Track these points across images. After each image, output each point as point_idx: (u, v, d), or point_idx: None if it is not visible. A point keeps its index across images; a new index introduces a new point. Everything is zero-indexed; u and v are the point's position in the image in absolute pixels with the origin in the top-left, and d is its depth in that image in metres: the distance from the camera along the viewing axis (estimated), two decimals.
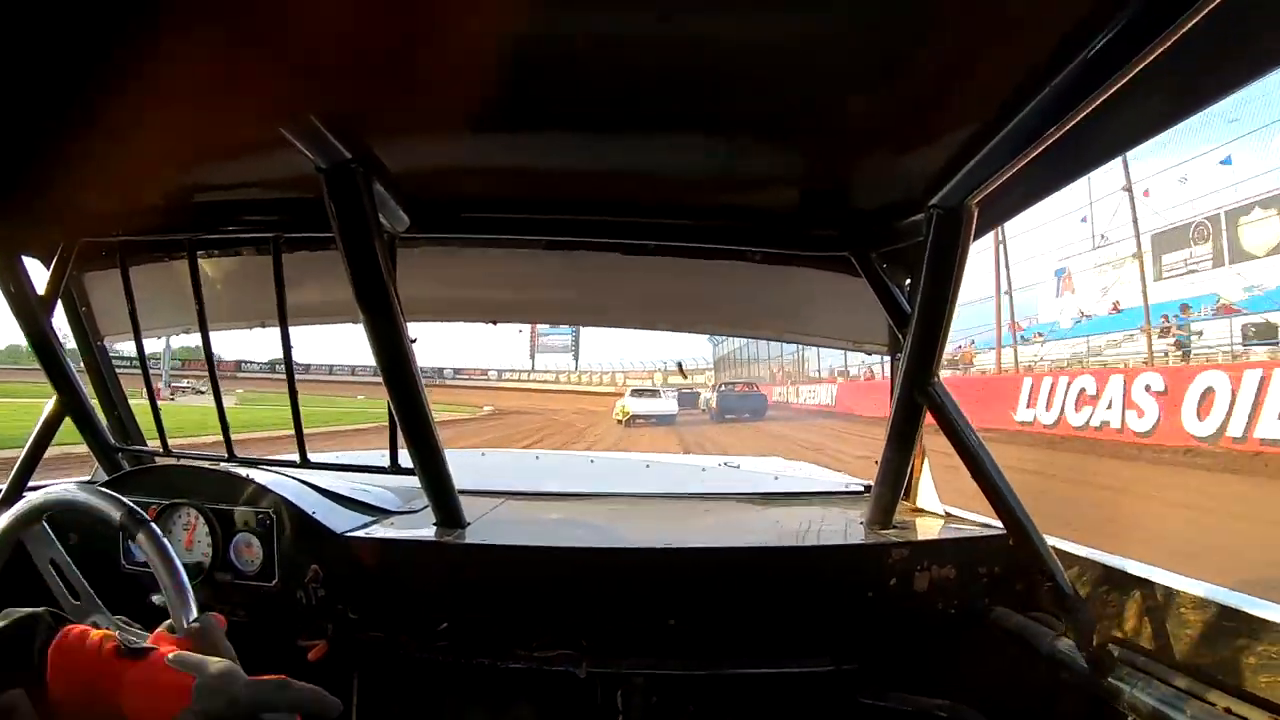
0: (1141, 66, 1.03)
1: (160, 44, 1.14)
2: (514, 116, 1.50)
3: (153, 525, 1.29)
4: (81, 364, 2.39)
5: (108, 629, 1.26)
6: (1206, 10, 0.91)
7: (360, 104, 1.43)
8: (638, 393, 37.62)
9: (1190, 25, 0.94)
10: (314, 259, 2.08)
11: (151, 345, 2.43)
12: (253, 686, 1.08)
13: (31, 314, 2.15)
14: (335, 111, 1.42)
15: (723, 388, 40.91)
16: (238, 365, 77.71)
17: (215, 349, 2.32)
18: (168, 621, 1.21)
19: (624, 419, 34.67)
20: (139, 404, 2.49)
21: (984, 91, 1.28)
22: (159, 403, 2.40)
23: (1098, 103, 1.13)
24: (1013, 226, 26.65)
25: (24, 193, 1.80)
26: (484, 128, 1.54)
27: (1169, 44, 0.97)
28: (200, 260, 2.11)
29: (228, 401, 2.35)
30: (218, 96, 1.26)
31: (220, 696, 1.04)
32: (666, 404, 36.60)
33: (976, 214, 1.64)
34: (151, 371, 2.33)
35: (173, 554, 1.26)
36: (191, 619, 1.20)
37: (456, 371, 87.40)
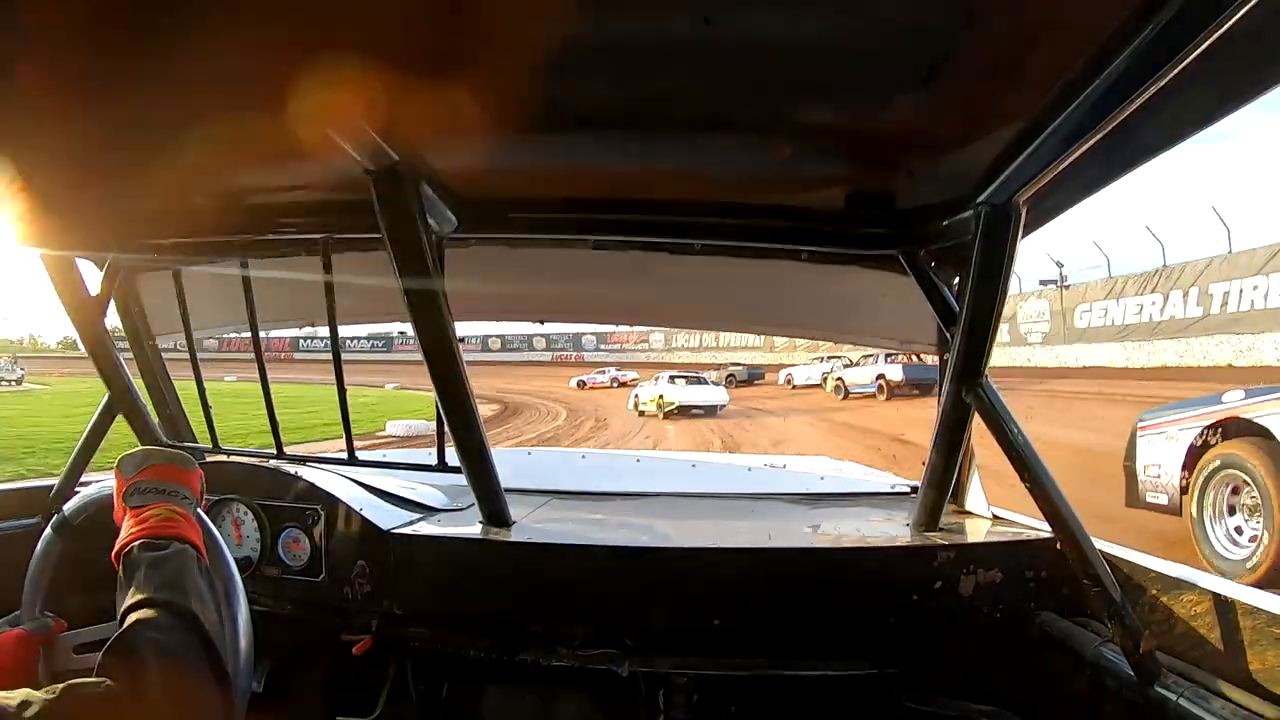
0: (1188, 60, 1.01)
1: (212, 50, 1.16)
2: (560, 118, 1.51)
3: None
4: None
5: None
6: (1249, 6, 0.89)
7: (407, 107, 1.44)
8: (681, 378, 32.10)
9: (1237, 18, 0.92)
10: (363, 259, 2.11)
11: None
12: None
13: (86, 314, 2.20)
14: (383, 115, 1.43)
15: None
16: (294, 344, 66.01)
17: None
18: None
19: (659, 411, 29.58)
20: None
21: (1031, 88, 1.26)
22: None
23: (1146, 96, 1.11)
24: None
25: (79, 196, 1.85)
26: (530, 129, 1.54)
27: (1215, 37, 0.96)
28: (250, 261, 2.14)
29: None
30: (269, 102, 1.27)
31: None
32: (716, 393, 31.52)
33: (1025, 211, 1.62)
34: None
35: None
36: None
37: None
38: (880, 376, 30.09)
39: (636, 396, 32.61)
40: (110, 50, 1.17)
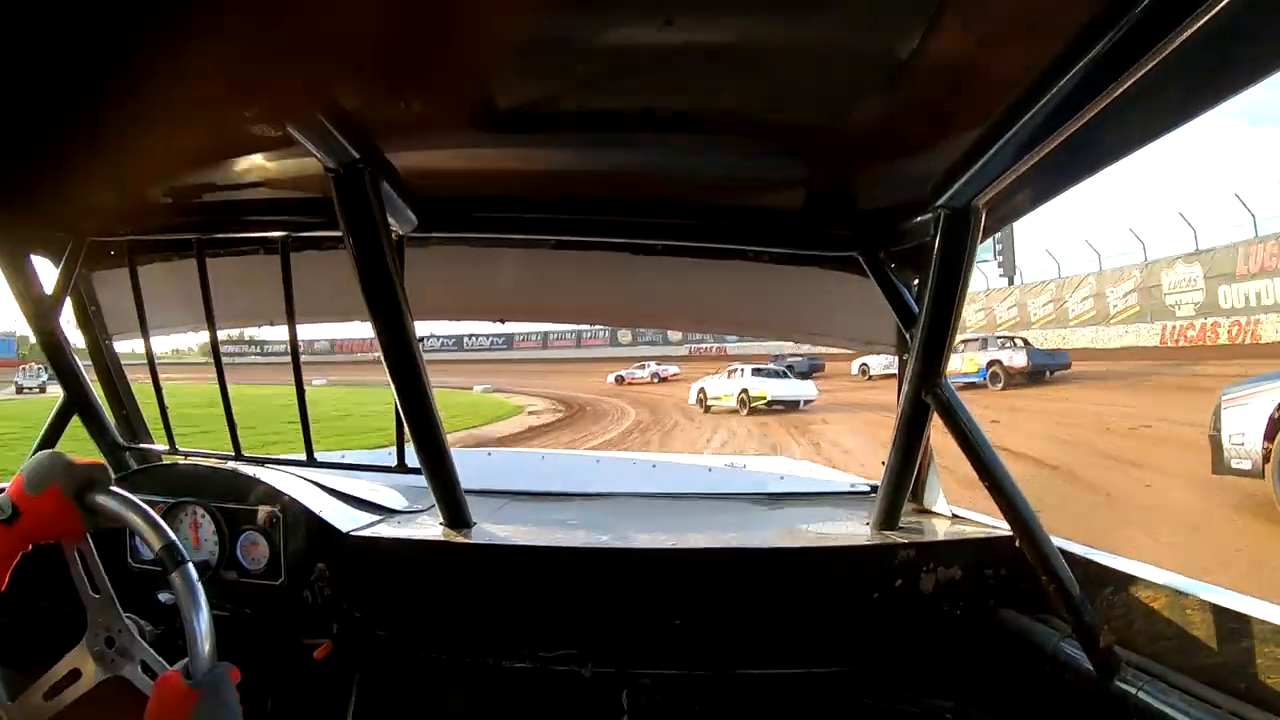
0: (1147, 68, 1.03)
1: (169, 43, 1.15)
2: (522, 118, 1.51)
3: (189, 566, 1.30)
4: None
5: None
6: (1212, 13, 0.91)
7: (368, 104, 1.43)
8: (763, 372, 28.38)
9: (1195, 27, 0.94)
10: (322, 258, 2.09)
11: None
12: None
13: (40, 313, 2.16)
14: (343, 112, 1.42)
15: None
16: (458, 343, 66.04)
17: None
18: (184, 661, 1.23)
19: (741, 407, 26.39)
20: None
21: (991, 93, 1.28)
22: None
23: (1104, 104, 1.13)
24: None
25: (33, 192, 1.81)
26: (492, 128, 1.54)
27: (1174, 46, 0.97)
28: (208, 259, 2.12)
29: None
30: (226, 96, 1.26)
31: None
32: (805, 386, 27.93)
33: (984, 215, 1.64)
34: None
35: (203, 599, 1.28)
36: (205, 669, 1.22)
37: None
38: (995, 364, 26.38)
39: (704, 391, 29.08)
40: (60, 44, 1.15)
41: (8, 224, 1.97)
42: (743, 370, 28.61)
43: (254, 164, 1.78)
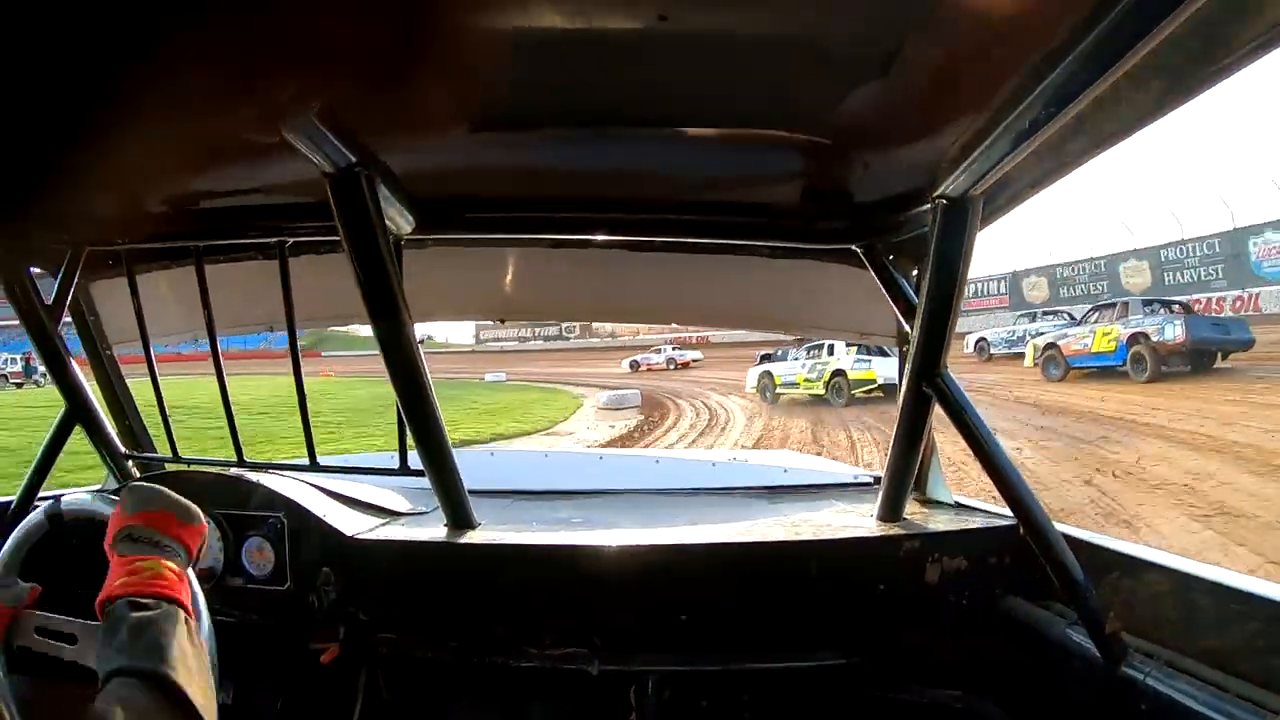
0: (1143, 54, 1.02)
1: (163, 53, 1.15)
2: (517, 117, 1.51)
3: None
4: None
5: None
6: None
7: (363, 108, 1.43)
8: (859, 348, 20.79)
9: (1189, 12, 0.93)
10: (321, 262, 2.09)
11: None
12: None
13: (40, 323, 2.15)
14: (338, 115, 1.42)
15: None
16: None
17: None
18: None
19: (839, 394, 21.33)
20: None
21: (987, 83, 1.28)
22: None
23: (1099, 91, 1.12)
24: None
25: (30, 203, 1.81)
26: (487, 128, 1.54)
27: (1168, 31, 0.97)
28: (207, 265, 2.11)
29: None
30: (221, 103, 1.26)
31: None
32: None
33: (982, 205, 1.64)
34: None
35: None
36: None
37: None
38: (1139, 339, 18.77)
39: (770, 376, 23.77)
40: (57, 55, 1.15)
41: (5, 236, 1.97)
42: (836, 347, 21.85)
43: (251, 170, 1.78)
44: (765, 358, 24.85)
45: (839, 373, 21.53)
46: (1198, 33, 1.00)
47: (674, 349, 44.21)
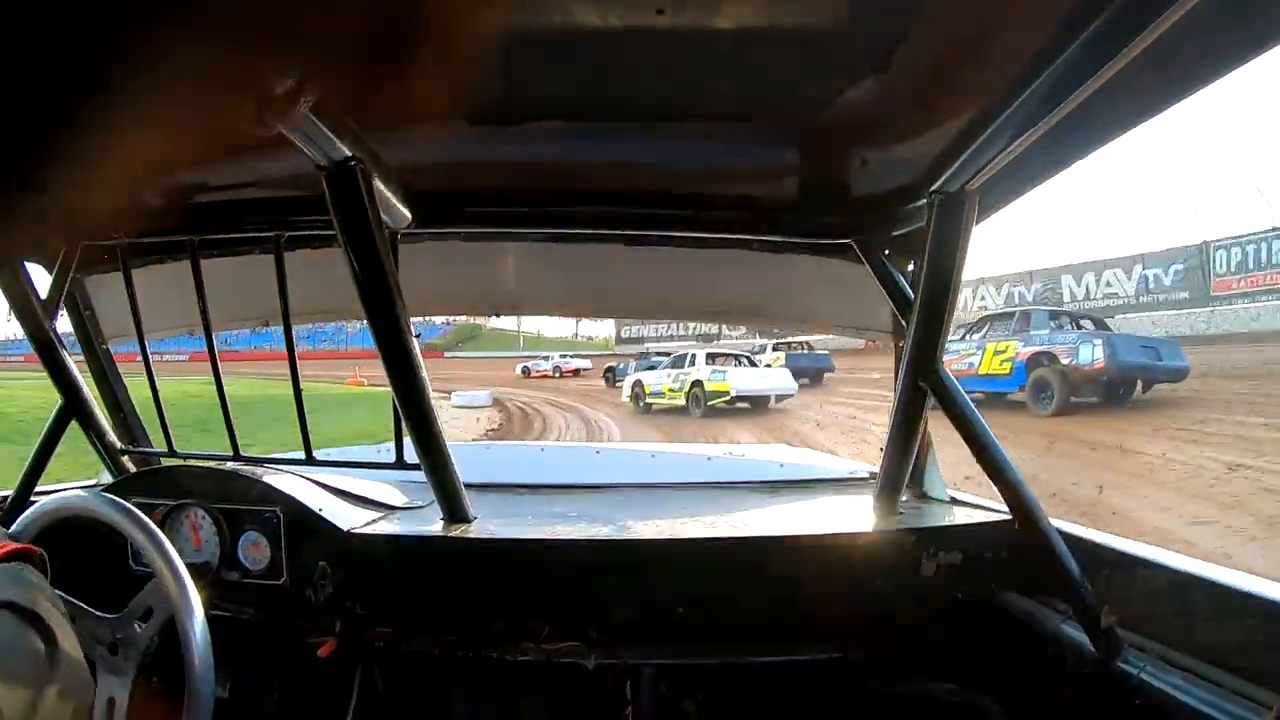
0: (1139, 50, 1.03)
1: (158, 43, 1.14)
2: (513, 111, 1.51)
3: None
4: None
5: None
6: None
7: (359, 101, 1.43)
8: (721, 358, 21.81)
9: (1186, 9, 0.94)
10: (317, 256, 2.09)
11: None
12: None
13: (35, 318, 2.15)
14: (333, 109, 1.42)
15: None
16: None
17: None
18: None
19: (696, 404, 20.45)
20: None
21: (983, 77, 1.28)
22: None
23: (1096, 87, 1.13)
24: None
25: (25, 196, 1.80)
26: (483, 122, 1.54)
27: (1165, 27, 0.98)
28: (202, 260, 2.11)
29: None
30: (217, 96, 1.25)
31: None
32: (779, 376, 21.42)
33: (978, 199, 1.64)
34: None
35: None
36: None
37: None
38: (1044, 360, 15.01)
39: (640, 385, 22.93)
40: (49, 46, 1.15)
41: (1, 230, 1.96)
42: (694, 358, 21.52)
43: (246, 163, 1.78)
44: (640, 366, 24.46)
45: (697, 383, 20.71)
46: (1194, 29, 1.01)
47: (561, 356, 43.59)
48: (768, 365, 22.25)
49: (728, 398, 19.70)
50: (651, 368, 23.98)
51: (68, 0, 1.04)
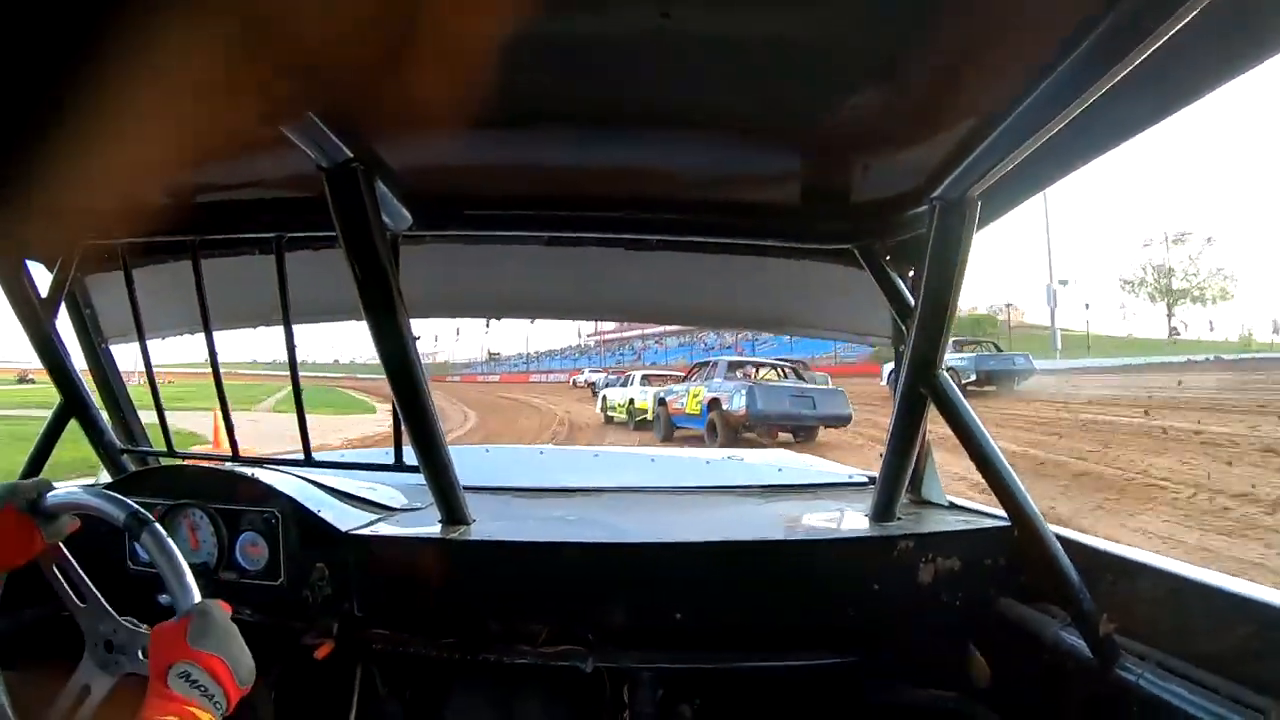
0: (1142, 57, 1.03)
1: (160, 45, 1.14)
2: (515, 113, 1.51)
3: (156, 525, 1.31)
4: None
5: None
6: (1204, 2, 0.91)
7: (361, 103, 1.43)
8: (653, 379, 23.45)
9: (1188, 17, 0.94)
10: (317, 258, 2.09)
11: None
12: None
13: (35, 317, 2.15)
14: (336, 110, 1.42)
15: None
16: None
17: None
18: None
19: (631, 418, 22.33)
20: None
21: (985, 84, 1.29)
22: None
23: (1099, 94, 1.13)
24: None
25: (26, 196, 1.81)
26: (486, 125, 1.54)
27: (1168, 35, 0.98)
28: (203, 261, 2.11)
29: None
30: (218, 97, 1.26)
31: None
32: None
33: (979, 206, 1.64)
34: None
35: (175, 549, 1.28)
36: (192, 603, 1.23)
37: None
38: (715, 405, 17.37)
39: (604, 399, 25.41)
40: (53, 47, 1.15)
41: (1, 229, 1.96)
42: (633, 378, 24.72)
43: (247, 164, 1.78)
44: (614, 383, 26.63)
45: (631, 400, 22.99)
46: (1193, 39, 1.01)
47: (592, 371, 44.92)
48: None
49: (649, 414, 21.16)
50: (623, 385, 25.65)
51: (70, 2, 1.04)
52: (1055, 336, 44.15)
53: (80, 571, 1.42)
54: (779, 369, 20.06)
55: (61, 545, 1.41)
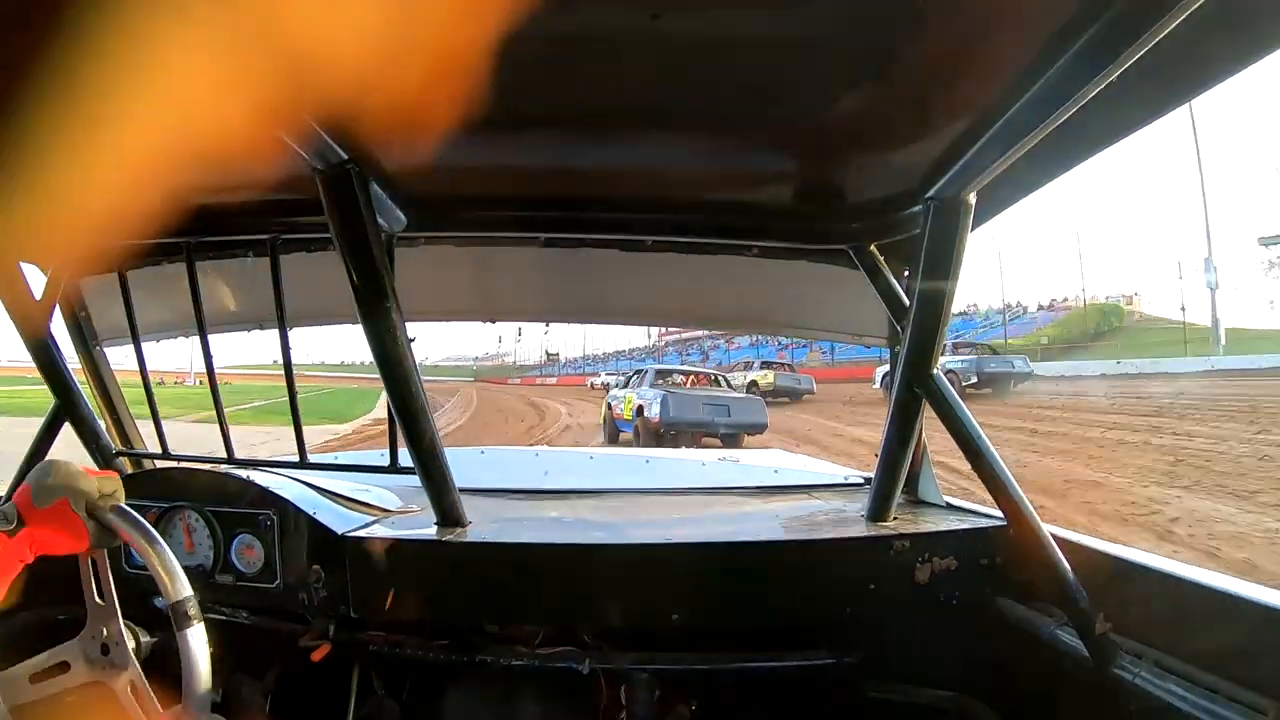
0: (1135, 57, 1.03)
1: (156, 48, 1.14)
2: (510, 115, 1.50)
3: (200, 627, 1.35)
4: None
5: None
6: (1198, 3, 0.91)
7: (355, 105, 1.43)
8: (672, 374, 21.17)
9: (1182, 17, 0.94)
10: (312, 260, 2.08)
11: None
12: None
13: (29, 319, 2.14)
14: (330, 113, 1.42)
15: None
16: None
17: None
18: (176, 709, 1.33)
19: (607, 423, 20.66)
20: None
21: (980, 84, 1.29)
22: None
23: (1091, 94, 1.13)
24: None
25: (21, 198, 1.80)
26: (480, 126, 1.53)
27: (1161, 35, 0.98)
28: (198, 263, 2.11)
29: None
30: (213, 100, 1.25)
31: None
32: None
33: (974, 205, 1.65)
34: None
35: (205, 660, 1.32)
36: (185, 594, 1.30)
37: None
38: (640, 412, 17.47)
39: (608, 405, 23.50)
40: (49, 49, 1.15)
41: None
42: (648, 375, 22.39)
43: (242, 166, 1.77)
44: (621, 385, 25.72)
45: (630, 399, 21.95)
46: (1189, 39, 1.01)
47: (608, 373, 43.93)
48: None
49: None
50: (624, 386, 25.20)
51: (66, 5, 1.04)
52: (1218, 328, 36.21)
53: (110, 574, 1.44)
54: (702, 377, 20.79)
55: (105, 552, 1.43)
